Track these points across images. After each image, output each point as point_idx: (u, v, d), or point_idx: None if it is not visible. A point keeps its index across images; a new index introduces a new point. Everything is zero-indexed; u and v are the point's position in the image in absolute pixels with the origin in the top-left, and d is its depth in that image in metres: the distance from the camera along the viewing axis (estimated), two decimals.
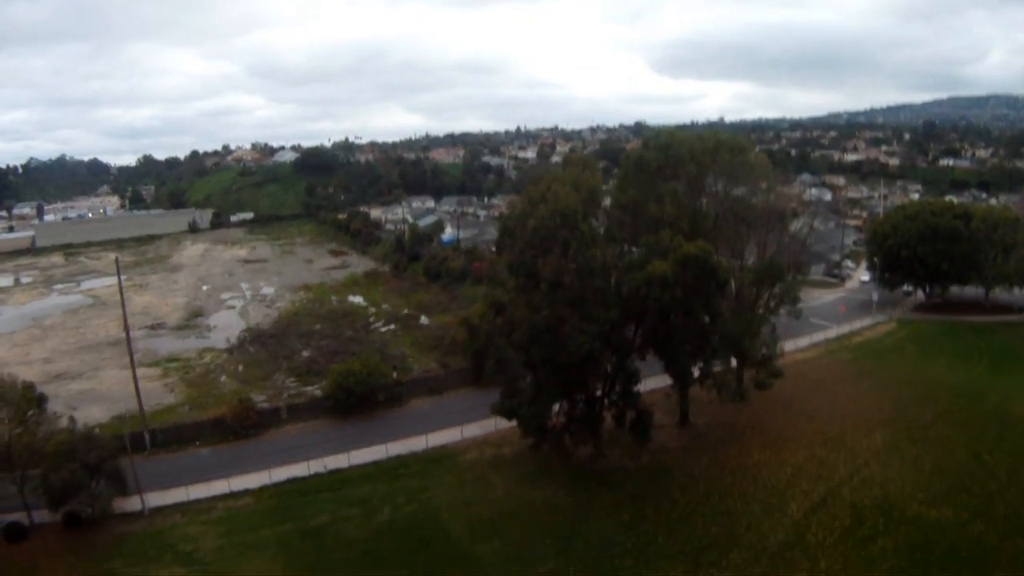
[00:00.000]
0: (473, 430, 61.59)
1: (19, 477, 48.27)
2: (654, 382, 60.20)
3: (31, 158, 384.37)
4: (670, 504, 48.58)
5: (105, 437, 52.89)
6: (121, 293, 70.58)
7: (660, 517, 46.98)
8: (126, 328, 68.38)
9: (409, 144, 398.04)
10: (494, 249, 66.62)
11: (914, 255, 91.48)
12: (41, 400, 51.70)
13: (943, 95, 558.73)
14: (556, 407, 53.42)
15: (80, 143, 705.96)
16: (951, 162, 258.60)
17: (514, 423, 56.71)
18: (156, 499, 51.85)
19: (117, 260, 73.44)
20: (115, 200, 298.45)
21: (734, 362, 61.67)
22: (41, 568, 44.57)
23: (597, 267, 45.88)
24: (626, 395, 50.01)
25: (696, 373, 57.97)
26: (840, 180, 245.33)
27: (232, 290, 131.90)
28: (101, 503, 48.49)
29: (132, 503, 51.25)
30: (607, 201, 54.81)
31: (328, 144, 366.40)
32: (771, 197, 61.42)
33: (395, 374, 72.39)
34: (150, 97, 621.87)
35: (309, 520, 48.90)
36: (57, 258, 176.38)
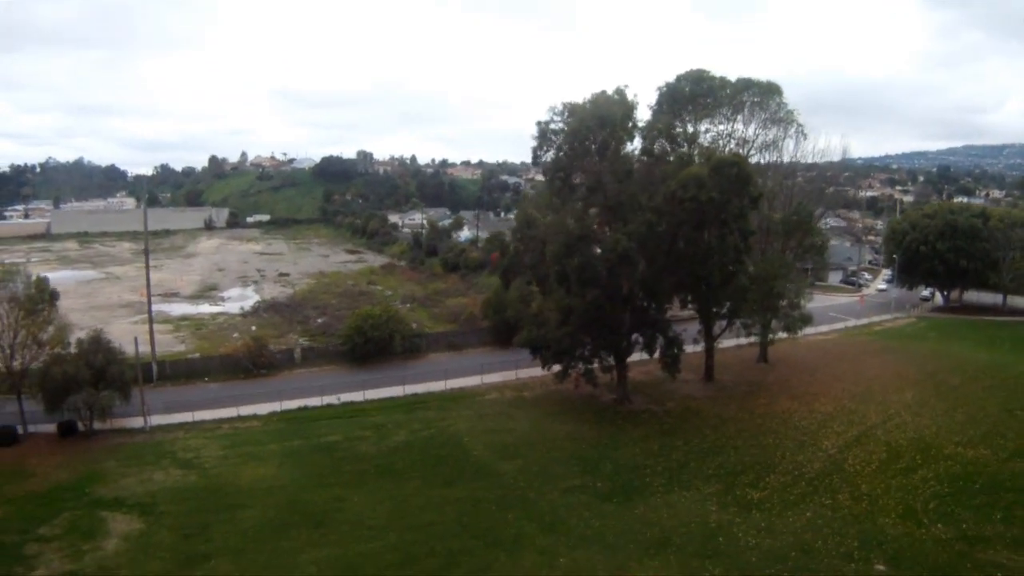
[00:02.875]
0: (493, 378, 60.37)
1: (19, 372, 46.21)
2: None
3: (49, 157, 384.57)
4: (700, 438, 47.12)
5: (113, 344, 50.41)
6: (147, 240, 70.07)
7: (691, 448, 45.54)
8: (147, 273, 67.30)
9: (427, 165, 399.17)
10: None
11: (933, 251, 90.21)
12: (54, 297, 49.75)
13: (958, 144, 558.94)
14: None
15: (97, 151, 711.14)
16: (965, 200, 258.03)
17: (537, 372, 55.67)
18: (159, 420, 50.27)
19: (146, 194, 72.05)
20: (131, 202, 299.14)
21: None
22: (28, 466, 42.61)
23: (634, 171, 44.80)
24: (657, 321, 48.33)
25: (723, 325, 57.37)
26: (855, 214, 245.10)
27: (247, 274, 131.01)
28: (100, 405, 45.75)
29: (133, 423, 49.46)
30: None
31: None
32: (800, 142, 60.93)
33: (415, 325, 71.14)
34: (167, 111, 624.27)
35: (320, 438, 47.41)
36: (72, 244, 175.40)
